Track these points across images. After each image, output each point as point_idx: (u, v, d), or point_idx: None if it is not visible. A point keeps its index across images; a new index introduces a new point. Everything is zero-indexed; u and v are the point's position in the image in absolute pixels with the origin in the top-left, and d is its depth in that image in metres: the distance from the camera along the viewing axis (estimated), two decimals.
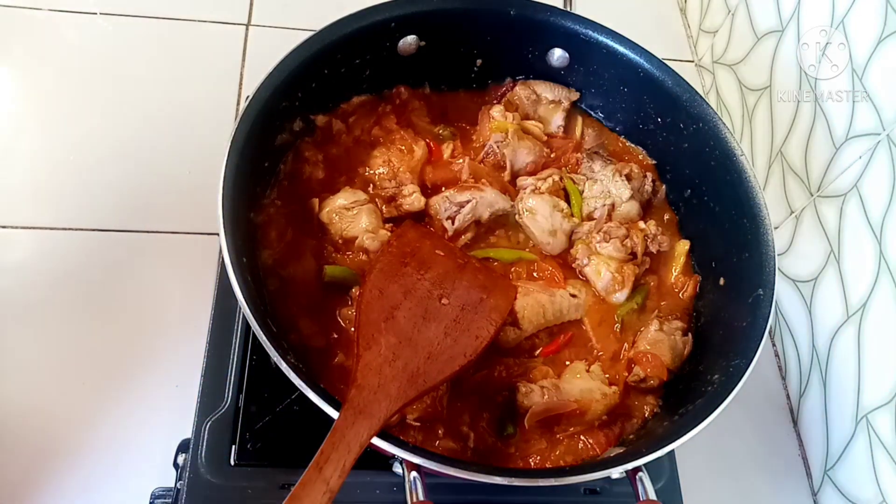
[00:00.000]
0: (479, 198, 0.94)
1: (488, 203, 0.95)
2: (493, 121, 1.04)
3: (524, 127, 1.05)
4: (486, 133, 1.04)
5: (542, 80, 1.09)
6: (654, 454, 0.72)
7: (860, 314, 0.99)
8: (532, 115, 1.08)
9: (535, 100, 1.08)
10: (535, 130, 1.06)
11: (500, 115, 1.04)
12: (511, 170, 1.01)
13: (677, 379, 0.90)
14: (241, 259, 0.76)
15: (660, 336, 0.90)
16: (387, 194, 0.96)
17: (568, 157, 1.06)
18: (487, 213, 0.95)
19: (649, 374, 0.88)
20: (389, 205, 0.95)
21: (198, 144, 1.20)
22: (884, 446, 0.93)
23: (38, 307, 1.04)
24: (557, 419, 0.83)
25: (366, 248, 0.89)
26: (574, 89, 1.09)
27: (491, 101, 1.08)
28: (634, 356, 0.90)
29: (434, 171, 1.00)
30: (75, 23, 1.32)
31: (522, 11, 1.01)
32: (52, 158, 1.17)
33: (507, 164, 1.01)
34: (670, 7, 1.59)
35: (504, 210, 0.97)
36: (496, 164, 1.02)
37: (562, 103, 1.08)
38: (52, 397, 0.97)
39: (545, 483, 0.70)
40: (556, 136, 1.08)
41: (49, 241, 1.09)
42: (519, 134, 1.02)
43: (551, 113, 1.08)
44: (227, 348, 0.90)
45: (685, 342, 0.91)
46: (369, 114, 1.03)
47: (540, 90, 1.08)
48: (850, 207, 1.01)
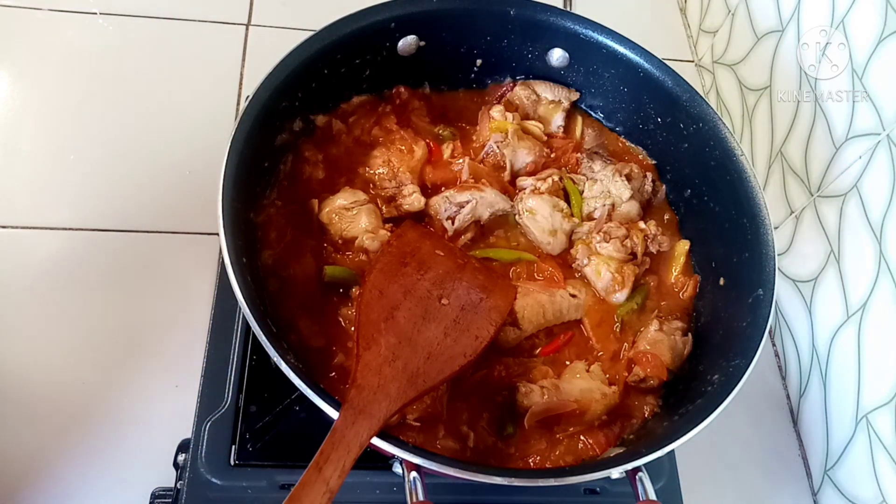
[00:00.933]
0: (479, 198, 0.94)
1: (488, 203, 0.95)
2: (492, 121, 1.04)
3: (524, 127, 1.05)
4: (486, 133, 1.04)
5: (543, 79, 1.09)
6: (654, 454, 0.72)
7: (860, 314, 0.99)
8: (532, 116, 1.08)
9: (535, 100, 1.08)
10: (535, 130, 1.06)
11: (499, 116, 1.04)
12: (511, 170, 1.01)
13: (677, 379, 0.90)
14: (241, 259, 0.76)
15: (660, 336, 0.90)
16: (387, 194, 0.95)
17: (568, 157, 1.06)
18: (487, 214, 0.95)
19: (649, 374, 0.87)
20: (389, 205, 0.95)
21: (198, 144, 1.20)
22: (884, 446, 0.93)
23: (38, 307, 1.04)
24: (557, 419, 0.83)
25: (366, 248, 0.89)
26: (574, 89, 1.09)
27: (491, 102, 1.08)
28: (634, 356, 0.90)
29: (434, 172, 1.00)
30: (75, 23, 1.32)
31: (522, 11, 1.01)
32: (52, 158, 1.17)
33: (507, 164, 1.01)
34: (670, 7, 1.59)
35: (504, 210, 0.97)
36: (496, 164, 1.02)
37: (562, 103, 1.08)
38: (52, 397, 0.97)
39: (545, 483, 0.70)
40: (556, 136, 1.08)
41: (49, 241, 1.09)
42: (519, 134, 1.02)
43: (551, 113, 1.08)
44: (227, 348, 0.90)
45: (685, 342, 0.91)
46: (369, 114, 1.03)
47: (540, 90, 1.08)
48: (850, 207, 1.01)
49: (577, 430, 0.85)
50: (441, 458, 0.69)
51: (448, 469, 0.67)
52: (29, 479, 0.93)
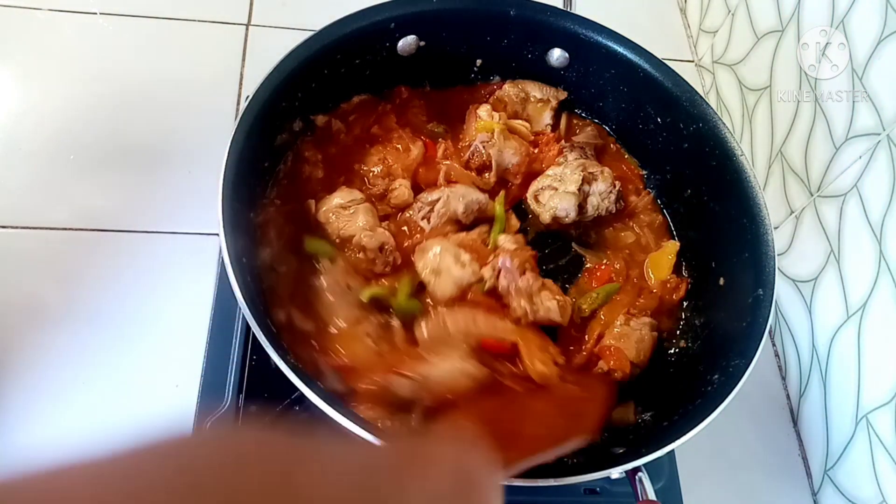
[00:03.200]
0: (449, 192, 0.94)
1: (460, 195, 0.95)
2: (479, 120, 1.04)
3: (511, 126, 1.05)
4: (473, 133, 1.04)
5: (535, 79, 1.09)
6: (654, 454, 0.72)
7: (860, 314, 0.99)
8: (521, 114, 1.08)
9: (524, 98, 1.08)
10: (522, 129, 1.06)
11: (486, 115, 1.04)
12: (497, 170, 1.01)
13: (677, 379, 0.90)
14: (241, 260, 0.76)
15: (626, 330, 0.92)
16: (378, 192, 0.96)
17: (550, 147, 1.06)
18: (462, 206, 0.95)
19: (612, 367, 0.89)
20: (381, 202, 0.95)
21: (198, 144, 1.20)
22: (884, 446, 0.93)
23: (38, 307, 1.04)
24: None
25: (363, 245, 0.89)
26: (563, 88, 1.09)
27: (481, 100, 1.09)
28: (599, 350, 0.91)
29: (426, 172, 1.00)
30: (75, 23, 1.32)
31: (522, 11, 1.01)
32: (52, 158, 1.17)
33: (493, 165, 1.01)
34: (670, 7, 1.59)
35: (478, 201, 0.96)
36: (482, 164, 1.02)
37: (550, 102, 1.08)
38: (52, 397, 0.97)
39: (545, 483, 0.70)
40: (544, 133, 1.08)
41: (49, 241, 1.09)
42: (505, 134, 1.02)
43: (540, 111, 1.08)
44: (227, 348, 0.90)
45: (653, 338, 0.93)
46: (369, 113, 1.03)
47: (529, 88, 1.08)
48: (850, 207, 1.01)
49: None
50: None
51: None
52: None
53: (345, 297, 0.85)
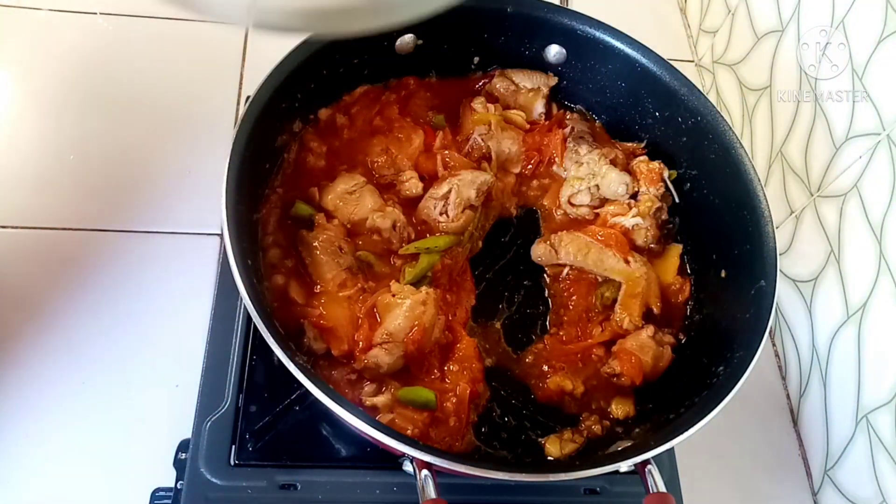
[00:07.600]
0: (457, 182, 0.94)
1: (469, 181, 0.95)
2: (474, 113, 1.04)
3: (506, 117, 1.05)
4: (469, 126, 1.04)
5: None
6: (662, 446, 0.72)
7: (860, 314, 0.99)
8: (513, 105, 1.08)
9: (513, 90, 1.08)
10: (518, 119, 1.06)
11: (481, 108, 1.04)
12: (496, 161, 1.01)
13: (680, 373, 0.91)
14: (247, 262, 0.76)
15: (650, 343, 0.91)
16: (385, 181, 0.95)
17: (554, 136, 1.06)
18: (474, 192, 0.95)
19: (624, 372, 0.89)
20: (388, 192, 0.95)
21: (198, 144, 1.20)
22: (884, 446, 0.93)
23: (38, 308, 1.04)
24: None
25: (377, 227, 0.89)
26: (552, 74, 1.09)
27: (472, 93, 1.09)
28: (619, 350, 0.91)
29: (426, 161, 1.00)
30: (75, 23, 1.31)
31: (519, 8, 1.01)
32: (52, 158, 1.16)
33: (493, 156, 1.01)
34: (670, 7, 1.59)
35: (487, 182, 0.97)
36: (481, 156, 1.02)
37: (541, 90, 1.08)
38: (51, 396, 0.97)
39: (555, 478, 0.70)
40: (539, 122, 1.09)
41: (49, 241, 1.09)
42: (501, 125, 1.03)
43: (532, 101, 1.08)
44: (227, 348, 0.90)
45: (671, 357, 0.93)
46: (372, 103, 1.03)
47: (517, 79, 1.08)
48: (850, 207, 1.01)
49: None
50: (452, 455, 0.70)
51: (459, 466, 0.67)
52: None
53: (335, 257, 0.86)
